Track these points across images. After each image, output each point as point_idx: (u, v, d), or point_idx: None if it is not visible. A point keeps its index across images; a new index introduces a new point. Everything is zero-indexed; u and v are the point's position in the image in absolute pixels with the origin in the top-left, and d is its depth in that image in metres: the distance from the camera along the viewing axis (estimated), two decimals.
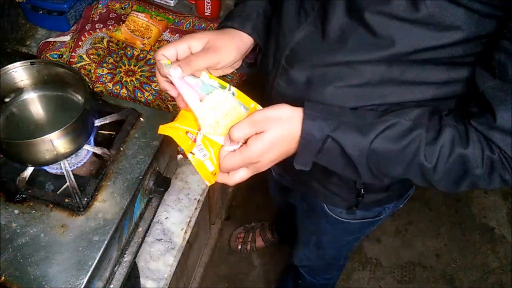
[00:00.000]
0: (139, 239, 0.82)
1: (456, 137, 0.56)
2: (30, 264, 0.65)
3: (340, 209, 0.88)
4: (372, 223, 0.97)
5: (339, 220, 0.91)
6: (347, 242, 1.08)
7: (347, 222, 0.91)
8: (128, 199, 0.73)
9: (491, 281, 1.86)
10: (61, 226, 0.69)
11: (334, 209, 0.89)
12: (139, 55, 1.15)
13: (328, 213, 0.90)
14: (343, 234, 1.02)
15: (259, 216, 1.97)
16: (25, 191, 0.72)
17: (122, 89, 1.07)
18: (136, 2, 1.25)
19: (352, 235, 1.04)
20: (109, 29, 1.19)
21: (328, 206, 0.89)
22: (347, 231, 0.99)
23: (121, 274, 0.77)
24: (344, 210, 0.87)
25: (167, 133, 0.61)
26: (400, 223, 2.00)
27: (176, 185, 0.99)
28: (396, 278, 1.85)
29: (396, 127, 0.56)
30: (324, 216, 0.92)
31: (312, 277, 1.36)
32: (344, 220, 0.91)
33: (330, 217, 0.91)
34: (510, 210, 2.06)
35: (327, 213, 0.91)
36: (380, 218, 0.94)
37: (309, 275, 1.35)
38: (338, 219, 0.91)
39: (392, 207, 0.93)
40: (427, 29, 0.53)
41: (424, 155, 0.55)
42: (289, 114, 0.57)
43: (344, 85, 0.61)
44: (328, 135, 0.56)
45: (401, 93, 0.61)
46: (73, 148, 0.74)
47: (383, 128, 0.56)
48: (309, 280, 1.37)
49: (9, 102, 0.80)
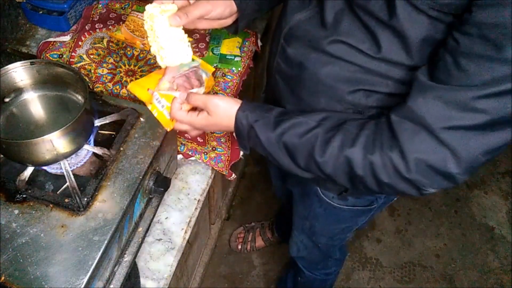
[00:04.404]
0: (139, 239, 0.82)
1: (348, 139, 0.64)
2: (30, 264, 0.65)
3: (332, 194, 0.92)
4: (364, 212, 0.99)
5: (331, 204, 0.94)
6: (339, 231, 1.10)
7: (339, 207, 0.94)
8: (128, 199, 0.73)
9: (491, 281, 1.86)
10: (61, 226, 0.69)
11: (327, 193, 0.93)
12: (139, 55, 1.15)
13: (321, 196, 0.94)
14: (335, 221, 1.03)
15: (259, 216, 1.97)
16: (25, 191, 0.72)
17: (122, 89, 1.07)
18: (136, 2, 1.25)
19: (344, 223, 1.05)
20: (109, 29, 1.19)
21: (321, 190, 0.93)
22: (339, 218, 1.01)
23: (121, 274, 0.77)
24: (335, 195, 0.91)
25: (133, 90, 0.80)
26: (400, 223, 2.00)
27: (176, 185, 1.00)
28: (396, 278, 1.85)
29: (303, 126, 0.67)
30: (318, 200, 0.96)
31: (311, 272, 1.37)
32: (336, 205, 0.94)
33: (323, 201, 0.95)
34: (510, 210, 2.06)
35: (320, 197, 0.94)
36: (372, 208, 0.96)
37: (307, 269, 1.37)
38: (330, 203, 0.94)
39: (385, 198, 0.94)
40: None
41: (318, 150, 0.66)
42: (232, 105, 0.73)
43: (337, 68, 0.68)
44: (251, 124, 0.71)
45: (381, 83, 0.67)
46: (73, 148, 0.74)
47: (290, 125, 0.68)
48: (308, 276, 1.39)
49: (9, 102, 0.80)
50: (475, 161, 0.57)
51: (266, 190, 2.04)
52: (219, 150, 1.03)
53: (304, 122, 0.68)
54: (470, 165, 0.58)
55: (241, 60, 1.15)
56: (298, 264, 1.37)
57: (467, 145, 0.56)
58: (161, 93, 0.77)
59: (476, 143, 0.56)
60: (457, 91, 0.55)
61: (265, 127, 0.70)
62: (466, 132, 0.56)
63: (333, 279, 1.50)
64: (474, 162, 0.58)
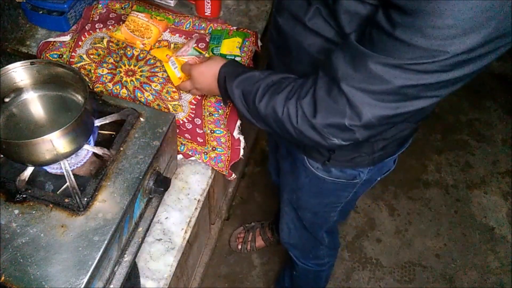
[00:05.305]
0: (139, 239, 0.82)
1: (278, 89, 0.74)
2: (30, 264, 0.65)
3: (317, 164, 0.97)
4: (347, 187, 1.03)
5: (316, 175, 0.99)
6: (323, 206, 1.13)
7: (322, 178, 0.99)
8: (128, 199, 0.73)
9: (491, 281, 1.86)
10: (61, 226, 0.69)
11: (313, 163, 0.98)
12: (139, 55, 1.15)
13: (307, 165, 0.99)
14: (318, 193, 1.08)
15: (259, 216, 1.97)
16: (25, 191, 0.72)
17: (122, 89, 1.07)
18: (136, 2, 1.25)
19: (327, 197, 1.09)
20: (109, 29, 1.19)
21: (307, 159, 0.98)
22: (322, 190, 1.06)
23: (121, 274, 0.77)
24: (320, 165, 0.97)
25: (154, 53, 1.14)
26: (400, 223, 2.00)
27: (176, 185, 1.00)
28: (396, 278, 1.85)
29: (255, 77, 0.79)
30: (304, 169, 1.01)
31: (303, 263, 1.40)
32: (320, 176, 0.99)
33: (309, 171, 1.00)
34: (510, 210, 2.06)
35: (306, 166, 0.99)
36: (355, 183, 1.00)
37: (300, 259, 1.40)
38: (315, 173, 0.99)
39: (367, 174, 0.98)
40: None
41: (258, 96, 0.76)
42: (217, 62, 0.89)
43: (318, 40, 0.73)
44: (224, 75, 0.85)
45: None
46: (73, 148, 0.74)
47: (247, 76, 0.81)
48: (301, 267, 1.42)
49: (9, 102, 0.80)
50: (369, 122, 0.64)
51: (266, 190, 2.04)
52: (219, 150, 1.03)
53: (257, 75, 0.80)
54: (364, 121, 0.64)
55: (241, 60, 1.15)
56: (291, 255, 1.40)
57: (364, 103, 0.62)
58: (176, 58, 1.08)
59: (373, 106, 0.62)
60: (366, 55, 0.59)
61: (231, 77, 0.84)
62: (365, 93, 0.62)
63: (328, 273, 1.52)
64: (369, 121, 0.64)
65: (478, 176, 2.17)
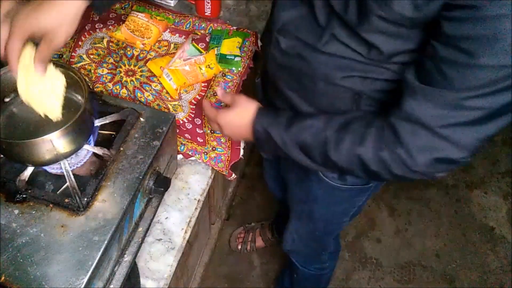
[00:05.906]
0: (139, 239, 0.82)
1: (357, 138, 0.69)
2: (30, 264, 0.65)
3: (333, 174, 0.95)
4: (361, 192, 1.01)
5: (331, 185, 0.96)
6: (338, 213, 1.11)
7: (338, 187, 0.96)
8: (128, 199, 0.73)
9: (491, 281, 1.86)
10: (61, 226, 0.69)
11: (327, 174, 0.95)
12: (139, 55, 1.15)
13: (322, 177, 0.96)
14: (334, 202, 1.05)
15: (259, 216, 1.97)
16: (25, 191, 0.72)
17: (122, 89, 1.07)
18: (136, 2, 1.25)
19: (342, 205, 1.07)
20: (109, 29, 1.19)
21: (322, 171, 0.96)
22: (337, 198, 1.03)
23: (121, 274, 0.77)
24: (336, 175, 0.94)
25: (150, 67, 1.11)
26: (400, 223, 2.00)
27: (176, 185, 0.99)
28: (396, 278, 1.85)
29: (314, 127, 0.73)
30: (317, 181, 0.98)
31: (305, 267, 1.38)
32: (335, 185, 0.96)
33: (322, 183, 0.97)
34: (510, 210, 2.06)
35: (320, 178, 0.96)
36: (369, 187, 0.98)
37: (302, 264, 1.37)
38: (330, 183, 0.96)
39: None
40: None
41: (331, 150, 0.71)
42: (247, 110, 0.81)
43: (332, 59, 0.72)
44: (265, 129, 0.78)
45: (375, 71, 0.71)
46: (73, 148, 0.74)
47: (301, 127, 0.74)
48: (302, 271, 1.39)
49: (9, 102, 0.80)
50: (476, 147, 0.62)
51: (266, 190, 2.04)
52: (219, 150, 1.03)
53: (314, 124, 0.74)
54: (471, 150, 0.62)
55: (241, 60, 1.15)
56: (293, 260, 1.37)
57: (467, 136, 0.60)
58: (169, 69, 1.07)
59: (476, 133, 0.60)
60: (445, 94, 0.58)
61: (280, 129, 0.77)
62: (464, 127, 0.60)
63: (329, 275, 1.51)
64: (475, 147, 0.62)
65: (478, 176, 2.16)
